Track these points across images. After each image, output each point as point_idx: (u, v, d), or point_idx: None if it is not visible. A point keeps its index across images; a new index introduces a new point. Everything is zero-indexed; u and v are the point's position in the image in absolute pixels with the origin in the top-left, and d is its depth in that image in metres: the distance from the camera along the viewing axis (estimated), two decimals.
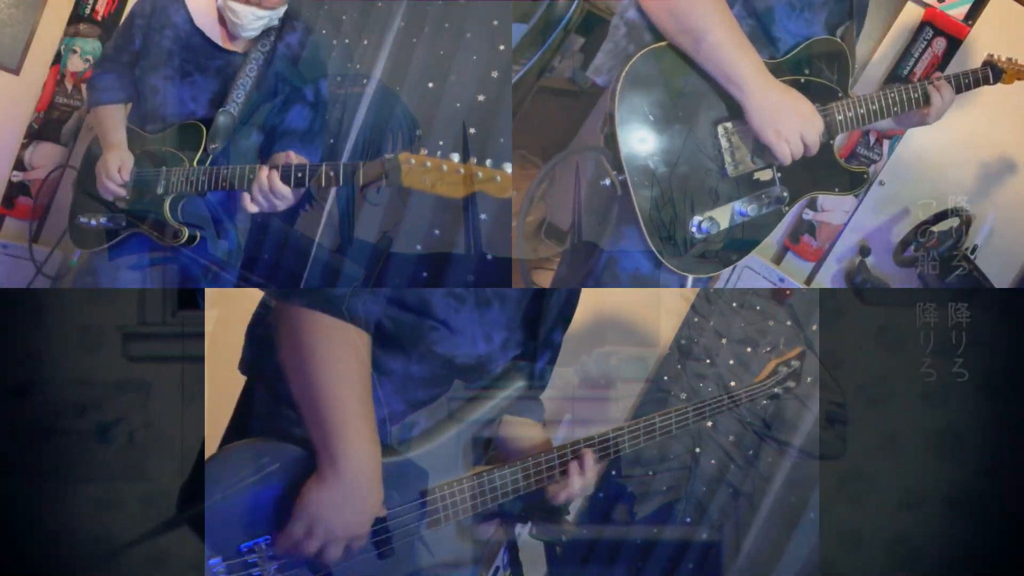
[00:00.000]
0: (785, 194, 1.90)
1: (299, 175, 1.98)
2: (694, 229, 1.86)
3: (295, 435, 1.55)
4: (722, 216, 1.87)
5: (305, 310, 1.49)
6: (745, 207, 1.88)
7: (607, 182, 1.83)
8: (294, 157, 2.06)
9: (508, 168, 1.69)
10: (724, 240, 1.90)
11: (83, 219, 2.34)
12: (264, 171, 2.00)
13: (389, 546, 1.57)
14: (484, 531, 1.73)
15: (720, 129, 1.86)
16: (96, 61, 2.67)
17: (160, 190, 2.20)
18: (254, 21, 2.18)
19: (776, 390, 1.98)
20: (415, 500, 1.58)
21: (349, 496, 1.50)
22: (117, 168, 2.22)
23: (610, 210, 1.89)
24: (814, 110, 1.87)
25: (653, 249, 1.83)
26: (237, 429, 1.70)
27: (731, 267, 2.84)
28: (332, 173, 1.94)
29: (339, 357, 1.49)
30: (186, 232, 2.20)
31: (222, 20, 2.22)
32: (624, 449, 1.74)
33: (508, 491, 1.65)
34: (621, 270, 1.91)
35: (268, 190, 1.99)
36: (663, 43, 1.83)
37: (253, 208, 2.04)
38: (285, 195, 2.00)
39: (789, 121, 1.83)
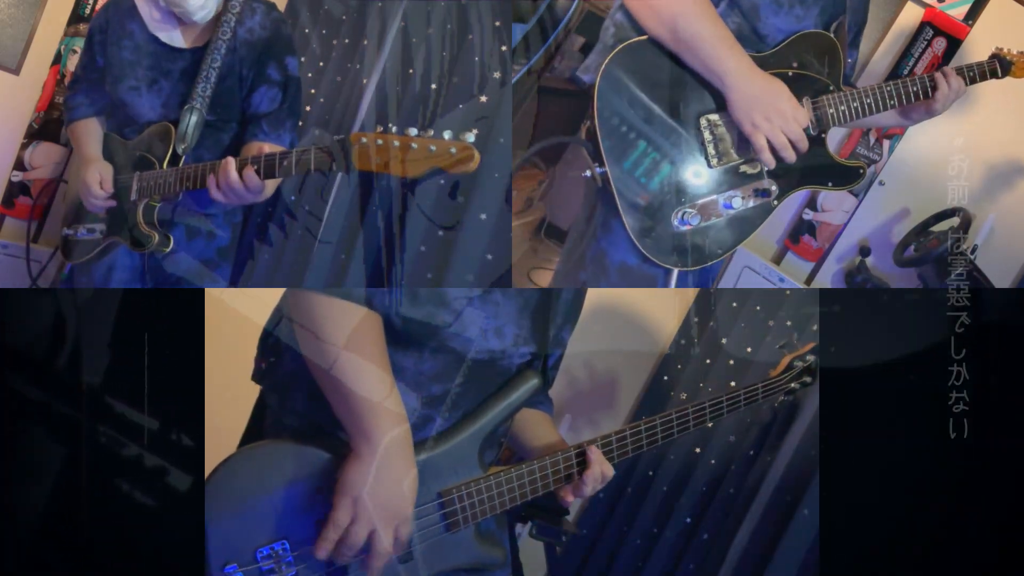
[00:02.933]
0: (774, 188, 1.88)
1: (268, 164, 1.89)
2: (676, 222, 1.85)
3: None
4: (705, 209, 1.86)
5: (319, 295, 1.49)
6: (730, 200, 1.87)
7: (588, 174, 1.83)
8: (267, 148, 1.97)
9: (470, 138, 1.52)
10: (709, 233, 1.88)
11: (68, 231, 2.33)
12: (231, 164, 1.92)
13: (408, 549, 1.52)
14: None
15: (703, 121, 1.85)
16: (68, 83, 2.66)
17: (133, 196, 2.17)
18: (201, 2, 2.11)
19: (793, 385, 1.92)
20: (433, 501, 1.54)
21: (386, 467, 1.47)
22: (98, 183, 2.20)
23: (594, 203, 1.88)
24: (797, 104, 1.85)
25: (635, 241, 1.82)
26: (251, 440, 1.68)
27: (730, 268, 2.89)
28: (285, 162, 1.85)
29: (356, 336, 1.48)
30: (156, 238, 2.14)
31: (175, 18, 2.17)
32: (642, 447, 1.68)
33: (527, 492, 1.60)
34: (609, 263, 1.90)
35: (238, 184, 1.92)
36: (643, 37, 1.83)
37: (220, 198, 1.97)
38: (255, 188, 1.93)
39: (767, 114, 1.82)
